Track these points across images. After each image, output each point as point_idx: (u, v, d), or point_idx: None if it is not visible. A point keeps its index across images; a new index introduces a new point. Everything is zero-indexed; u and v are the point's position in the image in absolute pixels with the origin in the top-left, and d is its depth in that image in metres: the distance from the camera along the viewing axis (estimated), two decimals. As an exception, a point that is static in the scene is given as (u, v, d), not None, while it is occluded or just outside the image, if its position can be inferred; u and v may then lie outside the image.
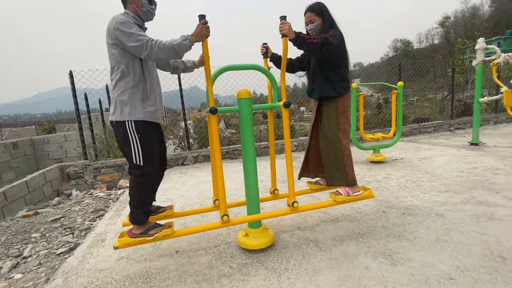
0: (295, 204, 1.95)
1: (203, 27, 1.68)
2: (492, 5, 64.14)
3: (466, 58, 12.73)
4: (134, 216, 1.79)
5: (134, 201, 1.78)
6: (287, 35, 1.81)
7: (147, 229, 1.81)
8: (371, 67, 15.75)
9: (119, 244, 1.75)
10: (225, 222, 1.84)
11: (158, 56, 1.64)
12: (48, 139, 8.27)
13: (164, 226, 1.87)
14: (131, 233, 1.80)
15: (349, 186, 2.15)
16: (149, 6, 1.82)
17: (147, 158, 1.75)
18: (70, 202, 3.93)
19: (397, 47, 73.02)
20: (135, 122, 1.73)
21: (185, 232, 1.89)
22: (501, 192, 2.73)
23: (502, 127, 7.27)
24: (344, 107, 2.13)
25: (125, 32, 1.62)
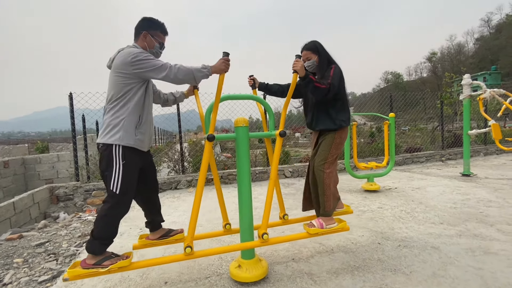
0: (265, 236, 1.86)
1: (224, 62, 1.80)
2: (477, 42, 68.57)
3: (453, 91, 13.34)
4: (92, 245, 1.70)
5: (99, 231, 1.70)
6: (298, 72, 1.95)
7: (101, 260, 1.70)
8: (363, 97, 16.32)
9: (69, 275, 1.62)
10: (188, 254, 1.75)
11: (176, 76, 1.73)
12: (40, 158, 8.14)
13: (121, 256, 1.76)
14: (85, 263, 1.68)
15: (324, 217, 2.10)
16: (159, 50, 1.96)
17: (125, 188, 1.72)
18: (57, 226, 3.78)
19: (388, 79, 76.32)
20: (123, 148, 1.74)
21: (144, 264, 1.76)
22: (495, 225, 2.73)
23: (492, 159, 7.44)
24: (341, 139, 2.17)
25: (144, 59, 1.72)
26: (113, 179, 1.71)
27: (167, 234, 2.10)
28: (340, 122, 2.14)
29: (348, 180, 5.23)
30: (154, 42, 1.90)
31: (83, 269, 1.66)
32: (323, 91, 1.99)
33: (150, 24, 1.89)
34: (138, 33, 1.89)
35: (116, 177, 1.71)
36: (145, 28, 1.88)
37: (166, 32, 1.98)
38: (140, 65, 1.72)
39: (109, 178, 1.72)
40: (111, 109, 1.77)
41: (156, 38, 1.91)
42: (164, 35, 1.97)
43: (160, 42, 1.94)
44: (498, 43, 57.86)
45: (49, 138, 29.50)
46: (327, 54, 2.21)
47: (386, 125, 4.44)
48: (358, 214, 3.25)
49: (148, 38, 1.88)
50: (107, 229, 1.73)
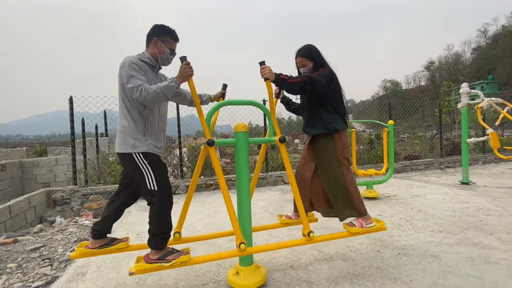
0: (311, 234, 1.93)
1: (186, 68, 1.77)
2: (474, 52, 69.47)
3: (452, 100, 13.45)
4: (153, 241, 1.76)
5: (156, 228, 1.77)
6: (269, 78, 1.92)
7: (164, 254, 1.76)
8: (362, 104, 16.42)
9: (136, 269, 1.67)
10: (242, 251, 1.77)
11: (146, 99, 1.71)
12: (38, 162, 8.10)
13: (181, 252, 1.81)
14: (148, 258, 1.75)
15: (362, 217, 2.13)
16: (169, 56, 1.97)
17: (161, 183, 1.78)
18: (53, 230, 3.74)
19: (386, 87, 76.94)
20: (141, 153, 1.79)
21: (203, 259, 1.84)
22: (494, 233, 2.72)
23: (490, 167, 7.45)
24: (342, 144, 2.14)
25: (127, 73, 1.74)
26: (147, 179, 1.76)
27: (109, 243, 1.98)
28: (333, 125, 2.11)
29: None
30: (165, 48, 1.92)
31: (147, 263, 1.71)
32: (298, 84, 1.95)
33: (160, 31, 1.92)
34: (149, 39, 1.92)
35: (148, 176, 1.76)
36: (156, 35, 1.91)
37: (177, 38, 1.99)
38: (121, 75, 1.76)
39: (142, 180, 1.77)
40: (120, 117, 1.85)
41: (166, 44, 1.93)
42: (175, 41, 1.98)
43: (171, 48, 1.95)
44: (495, 53, 58.62)
45: (47, 142, 29.40)
46: (321, 59, 2.20)
47: (385, 132, 4.45)
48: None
49: (158, 44, 1.90)
50: (162, 224, 1.78)
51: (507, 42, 56.21)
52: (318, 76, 2.02)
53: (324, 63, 2.19)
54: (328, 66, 2.20)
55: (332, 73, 2.14)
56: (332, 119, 2.13)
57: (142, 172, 1.76)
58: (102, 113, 6.70)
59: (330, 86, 2.09)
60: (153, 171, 1.77)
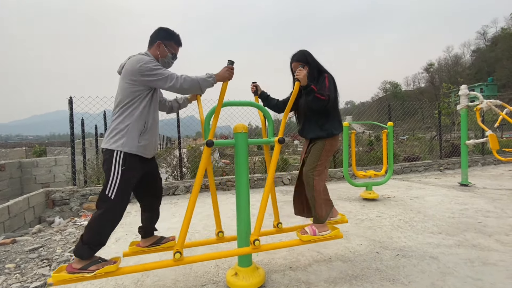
0: (256, 242, 1.82)
1: (229, 71, 1.84)
2: (473, 54, 69.67)
3: (451, 102, 13.47)
4: (80, 249, 1.66)
5: (89, 236, 1.67)
6: (301, 81, 1.98)
7: (88, 264, 1.65)
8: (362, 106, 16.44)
9: (54, 280, 1.56)
10: (177, 260, 1.72)
11: (181, 86, 1.75)
12: (37, 162, 8.09)
13: (109, 261, 1.72)
14: (71, 268, 1.64)
15: (316, 224, 2.08)
16: (171, 60, 2.00)
17: (119, 194, 1.70)
18: (52, 231, 3.73)
19: (386, 88, 77.07)
20: (124, 154, 1.74)
21: (131, 269, 1.72)
22: (493, 235, 2.72)
23: (490, 169, 7.46)
24: (331, 146, 2.16)
25: (153, 66, 1.75)
26: (109, 183, 1.70)
27: (158, 242, 2.06)
28: (330, 130, 2.14)
29: (347, 188, 5.22)
30: (167, 52, 1.94)
31: (69, 273, 1.61)
32: (323, 102, 2.02)
33: (165, 35, 1.94)
34: (153, 41, 1.93)
35: (113, 182, 1.70)
36: (160, 38, 1.92)
37: (180, 43, 2.02)
38: (148, 73, 1.74)
39: (106, 182, 1.72)
40: (118, 115, 1.80)
41: (169, 48, 1.95)
42: (178, 46, 2.01)
43: (173, 52, 1.98)
44: (494, 55, 58.78)
45: (47, 142, 29.36)
46: (317, 63, 2.22)
47: (385, 133, 4.45)
48: (356, 223, 3.23)
49: (161, 47, 1.92)
50: (97, 234, 1.69)
51: (506, 44, 56.39)
52: (330, 90, 2.07)
53: (321, 68, 2.22)
54: (327, 71, 2.22)
55: (333, 78, 2.17)
56: (329, 124, 2.16)
57: (110, 175, 1.71)
58: (101, 113, 6.70)
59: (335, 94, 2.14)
60: (121, 180, 1.71)
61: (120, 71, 1.90)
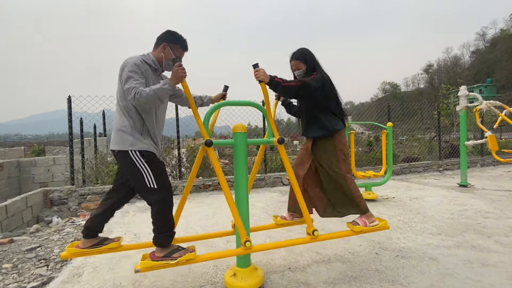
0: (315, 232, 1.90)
1: (179, 70, 1.75)
2: (472, 55, 69.84)
3: (450, 103, 13.49)
4: (158, 239, 1.75)
5: (159, 227, 1.76)
6: (263, 80, 1.90)
7: (170, 252, 1.75)
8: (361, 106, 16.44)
9: (141, 267, 1.65)
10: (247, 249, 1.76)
11: (139, 101, 1.70)
12: (36, 161, 8.05)
13: (187, 249, 1.79)
14: (154, 256, 1.73)
15: (365, 216, 2.13)
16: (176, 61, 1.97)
17: (160, 181, 1.77)
18: (49, 230, 3.71)
19: (385, 89, 77.21)
20: (139, 151, 1.77)
21: (209, 257, 1.82)
22: (493, 236, 2.71)
23: (489, 170, 7.47)
24: (342, 144, 2.17)
25: (126, 74, 1.74)
26: (145, 177, 1.74)
27: (101, 243, 1.96)
28: (333, 126, 2.13)
29: (346, 189, 5.21)
30: (172, 55, 1.93)
31: (153, 261, 1.69)
32: (293, 88, 1.96)
33: (171, 38, 1.94)
34: (159, 43, 1.93)
35: (146, 174, 1.74)
36: (166, 40, 1.92)
37: (187, 48, 2.02)
38: (123, 79, 1.75)
39: (140, 179, 1.75)
40: (118, 115, 1.83)
41: (174, 52, 1.94)
42: (184, 50, 2.01)
43: (178, 56, 1.97)
44: (493, 57, 58.94)
45: (46, 141, 29.28)
46: (314, 62, 2.20)
47: (384, 134, 4.45)
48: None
49: (166, 49, 1.92)
50: (165, 222, 1.78)
51: (505, 45, 56.55)
52: (311, 80, 2.03)
53: (317, 67, 2.19)
54: (321, 70, 2.19)
55: (324, 76, 2.13)
56: (330, 121, 2.15)
57: (140, 171, 1.75)
58: (100, 113, 6.68)
59: (323, 90, 2.08)
60: (151, 169, 1.76)
61: None
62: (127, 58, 1.84)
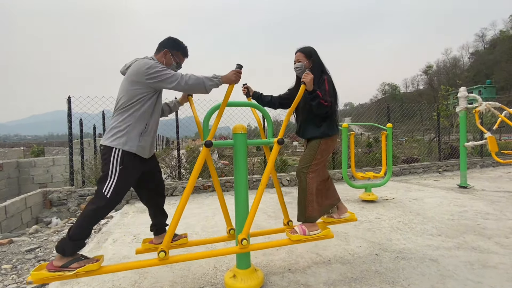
0: (244, 241, 1.77)
1: (236, 74, 1.84)
2: (472, 56, 70.01)
3: (450, 104, 13.50)
4: (65, 245, 1.62)
5: (78, 232, 1.64)
6: (307, 84, 1.96)
7: (69, 262, 1.61)
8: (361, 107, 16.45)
9: (34, 278, 1.51)
10: (161, 259, 1.67)
11: (187, 83, 1.76)
12: (35, 162, 8.04)
13: (91, 259, 1.67)
14: (51, 265, 1.59)
15: (306, 223, 2.03)
16: (175, 68, 2.03)
17: (116, 193, 1.71)
18: (49, 231, 3.70)
19: (385, 90, 77.31)
20: (122, 153, 1.74)
21: (115, 268, 1.67)
22: (493, 238, 2.71)
23: (488, 171, 7.47)
24: (327, 146, 2.15)
25: (159, 68, 1.78)
26: (107, 182, 1.70)
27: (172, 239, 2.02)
28: (326, 131, 2.14)
29: (346, 190, 5.21)
30: (173, 61, 1.99)
31: (49, 271, 1.56)
32: (326, 108, 2.03)
33: (173, 44, 2.00)
34: (160, 48, 1.98)
35: (110, 181, 1.70)
36: (168, 47, 1.97)
37: (187, 54, 2.08)
38: (153, 75, 1.76)
39: (103, 180, 1.72)
40: (119, 114, 1.81)
41: (175, 58, 2.00)
42: (184, 57, 2.08)
43: (178, 62, 2.04)
44: (493, 58, 59.08)
45: (45, 142, 29.24)
46: (321, 62, 2.22)
47: (384, 135, 4.45)
48: (355, 225, 3.22)
49: (168, 56, 1.97)
50: (86, 230, 1.68)
51: (504, 46, 56.68)
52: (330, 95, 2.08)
53: (324, 69, 2.22)
54: (328, 73, 2.22)
55: (331, 81, 2.16)
56: (326, 125, 2.16)
57: (108, 173, 1.70)
58: (100, 113, 6.68)
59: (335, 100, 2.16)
60: (119, 179, 1.71)
61: (124, 71, 1.92)
62: (143, 59, 1.86)
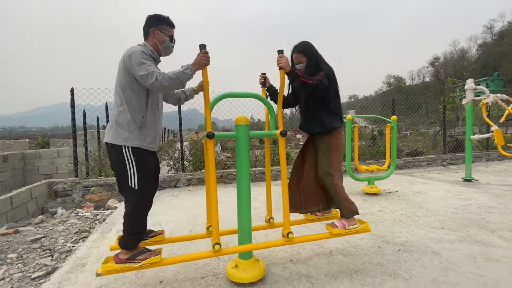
0: (290, 235, 1.87)
1: (203, 56, 1.76)
2: (480, 48, 68.49)
3: (456, 96, 13.28)
4: (125, 240, 1.74)
5: (129, 227, 1.74)
6: (284, 68, 1.91)
7: (134, 254, 1.73)
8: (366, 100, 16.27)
9: (103, 270, 1.64)
10: (216, 251, 1.75)
11: (162, 84, 1.67)
12: (40, 153, 8.12)
13: (153, 252, 1.78)
14: (118, 258, 1.72)
15: (346, 218, 2.09)
16: (170, 43, 1.94)
17: (143, 183, 1.75)
18: (54, 221, 3.76)
19: (390, 83, 76.23)
20: (131, 148, 1.75)
21: (174, 260, 1.80)
22: (496, 231, 2.69)
23: (494, 165, 7.39)
24: (337, 141, 2.14)
25: (137, 61, 1.69)
26: (129, 176, 1.72)
27: (146, 235, 2.03)
28: (331, 124, 2.11)
29: (349, 183, 5.18)
30: (163, 36, 1.90)
31: (116, 264, 1.68)
32: (311, 86, 1.96)
33: (155, 21, 1.91)
34: (147, 31, 1.91)
35: (131, 173, 1.73)
36: (151, 25, 1.90)
37: (173, 24, 1.97)
38: (131, 64, 1.70)
39: (124, 176, 1.73)
40: (116, 107, 1.79)
41: (164, 32, 1.91)
42: (171, 28, 1.97)
43: (169, 35, 1.94)
44: (501, 50, 57.70)
45: (50, 134, 29.51)
46: (316, 55, 2.16)
47: (388, 128, 4.40)
48: (358, 217, 3.21)
49: (156, 33, 1.89)
50: (137, 224, 1.76)
51: (514, 38, 55.15)
52: (323, 77, 2.01)
53: (320, 60, 2.16)
54: (325, 64, 2.15)
55: (330, 70, 2.11)
56: (328, 118, 2.13)
57: (126, 168, 1.73)
58: (103, 105, 6.68)
59: (330, 87, 2.08)
60: (138, 168, 1.73)
61: None
62: (129, 48, 1.80)
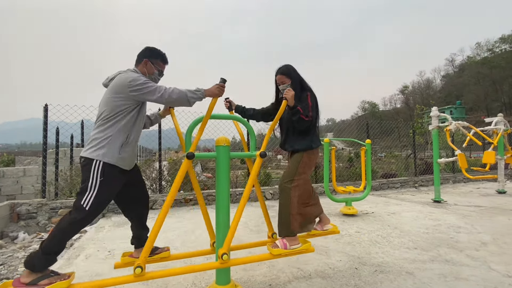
0: (224, 256, 1.74)
1: (219, 87, 1.88)
2: (443, 79, 75.08)
3: (424, 122, 14.27)
4: (35, 259, 1.55)
5: (52, 244, 1.58)
6: (288, 100, 2.05)
7: (38, 278, 1.52)
8: (342, 123, 16.98)
9: None
10: (137, 275, 1.60)
11: (170, 96, 1.76)
12: (4, 172, 7.53)
13: (62, 276, 1.59)
14: (18, 282, 1.50)
15: (288, 237, 2.02)
16: (158, 76, 2.06)
17: (95, 207, 1.68)
18: (14, 247, 3.44)
19: (365, 108, 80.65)
20: (103, 165, 1.71)
21: (87, 286, 1.57)
22: (464, 250, 2.84)
23: (460, 186, 7.87)
24: (309, 159, 2.19)
25: (142, 80, 1.78)
26: (87, 194, 1.66)
27: (152, 252, 2.00)
28: (309, 144, 2.19)
29: (327, 204, 5.28)
30: (154, 69, 2.01)
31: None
32: (306, 123, 2.10)
33: (151, 53, 2.02)
34: (140, 59, 2.00)
35: (90, 193, 1.67)
36: (146, 56, 1.99)
37: (167, 61, 2.10)
38: (136, 87, 1.77)
39: (83, 192, 1.68)
40: (100, 126, 1.79)
41: (156, 66, 2.02)
42: (164, 64, 2.09)
43: (159, 69, 2.06)
44: (462, 81, 63.70)
45: (16, 151, 27.54)
46: (300, 78, 2.29)
47: (363, 150, 4.61)
48: (336, 238, 3.25)
49: (148, 65, 1.99)
50: (60, 243, 1.62)
51: (472, 71, 61.32)
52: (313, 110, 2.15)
53: (304, 84, 2.29)
54: (308, 87, 2.29)
55: (314, 96, 2.24)
56: (307, 138, 2.22)
57: (88, 185, 1.68)
58: (79, 122, 6.45)
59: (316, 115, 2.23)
60: (99, 191, 1.68)
61: (106, 83, 1.91)
62: (126, 72, 1.87)
